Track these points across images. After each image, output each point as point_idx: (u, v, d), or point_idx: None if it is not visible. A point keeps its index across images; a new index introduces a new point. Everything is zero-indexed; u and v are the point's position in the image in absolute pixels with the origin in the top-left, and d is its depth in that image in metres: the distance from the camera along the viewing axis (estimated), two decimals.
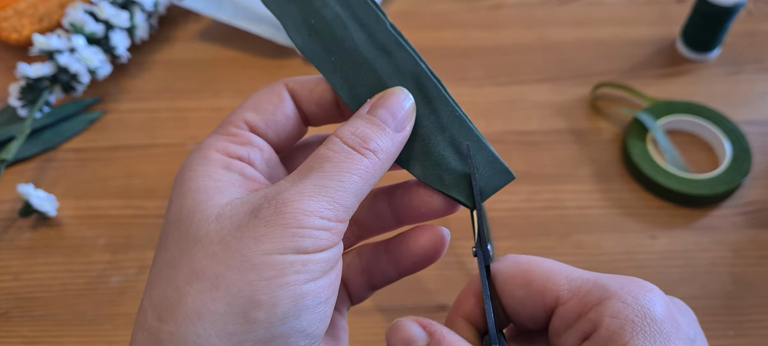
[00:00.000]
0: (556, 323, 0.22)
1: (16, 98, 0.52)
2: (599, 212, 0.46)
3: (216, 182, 0.22)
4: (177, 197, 0.22)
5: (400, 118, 0.23)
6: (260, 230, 0.19)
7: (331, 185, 0.20)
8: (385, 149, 0.22)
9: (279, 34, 0.58)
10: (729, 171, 0.47)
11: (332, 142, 0.22)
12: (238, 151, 0.23)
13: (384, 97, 0.23)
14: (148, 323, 0.19)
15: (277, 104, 0.25)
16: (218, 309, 0.19)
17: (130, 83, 0.57)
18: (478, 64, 0.58)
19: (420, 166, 0.24)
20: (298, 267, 0.19)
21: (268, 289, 0.19)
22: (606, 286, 0.21)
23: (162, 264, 0.20)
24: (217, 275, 0.19)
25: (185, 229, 0.20)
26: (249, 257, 0.19)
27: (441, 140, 0.24)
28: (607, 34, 0.60)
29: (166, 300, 0.19)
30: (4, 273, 0.43)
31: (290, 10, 0.26)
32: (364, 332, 0.40)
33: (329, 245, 0.20)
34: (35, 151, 0.51)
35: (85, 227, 0.46)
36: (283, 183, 0.21)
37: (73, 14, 0.54)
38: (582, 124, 0.52)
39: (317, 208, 0.20)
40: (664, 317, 0.20)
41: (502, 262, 0.24)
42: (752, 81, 0.55)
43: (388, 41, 0.25)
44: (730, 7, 0.52)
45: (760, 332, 0.40)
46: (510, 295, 0.23)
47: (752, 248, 0.44)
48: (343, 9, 0.25)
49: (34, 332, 0.40)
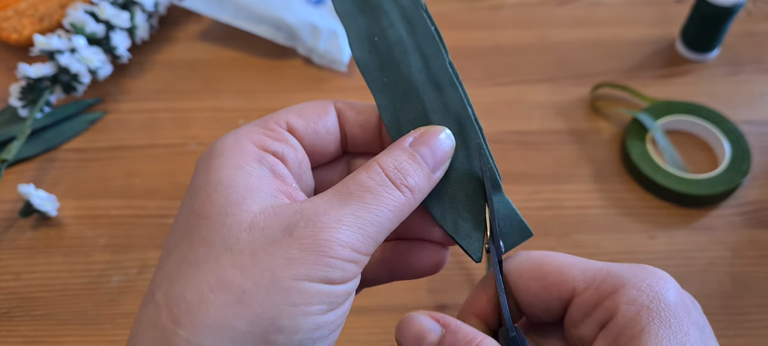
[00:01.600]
0: (572, 313, 0.22)
1: (17, 98, 0.52)
2: (598, 212, 0.46)
3: (247, 177, 0.21)
4: (206, 186, 0.21)
5: (440, 159, 0.23)
6: (294, 252, 0.19)
7: (368, 217, 0.20)
8: (420, 188, 0.22)
9: (279, 34, 0.58)
10: (728, 171, 0.47)
11: (374, 172, 0.21)
12: (272, 145, 0.23)
13: (428, 134, 0.23)
14: (162, 322, 0.19)
15: (322, 115, 0.24)
16: (240, 326, 0.18)
17: (130, 83, 0.57)
18: (477, 65, 0.58)
19: (440, 206, 0.24)
20: (323, 298, 0.19)
21: (292, 315, 0.19)
22: (620, 275, 0.22)
23: (183, 260, 0.20)
24: (245, 290, 0.18)
25: (215, 230, 0.20)
26: (279, 279, 0.19)
27: (469, 187, 0.24)
28: (606, 35, 0.60)
29: (185, 303, 0.19)
30: (5, 273, 0.43)
31: (359, 21, 0.26)
32: (364, 332, 0.40)
33: (353, 276, 0.20)
34: (36, 151, 0.51)
35: (85, 227, 0.46)
36: (321, 203, 0.20)
37: (73, 14, 0.54)
38: (581, 124, 0.52)
39: (352, 239, 0.20)
40: (677, 303, 0.21)
41: (515, 258, 0.24)
42: (751, 81, 0.56)
43: (442, 77, 0.25)
44: (729, 8, 0.52)
45: (758, 332, 0.40)
46: (525, 289, 0.23)
47: (751, 247, 0.44)
48: (409, 34, 0.25)
49: (34, 332, 0.41)
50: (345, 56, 0.57)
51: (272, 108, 0.56)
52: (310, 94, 0.56)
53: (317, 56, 0.58)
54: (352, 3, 0.26)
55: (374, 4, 0.26)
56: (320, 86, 0.56)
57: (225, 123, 0.53)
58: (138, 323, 0.20)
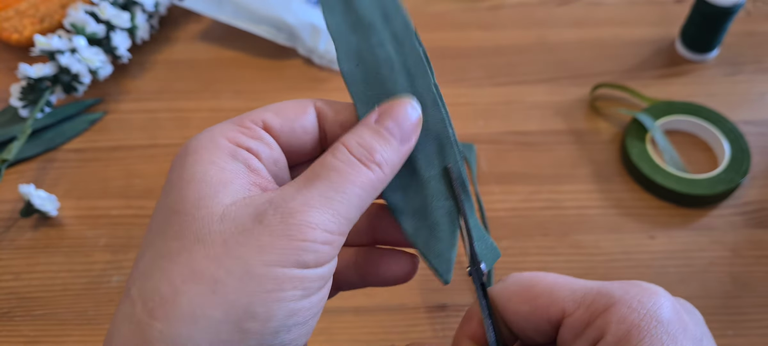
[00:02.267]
0: (563, 334, 0.22)
1: (18, 99, 0.52)
2: (598, 212, 0.46)
3: (220, 172, 0.21)
4: (179, 182, 0.21)
5: (407, 130, 0.23)
6: (265, 238, 0.19)
7: (337, 197, 0.20)
8: (389, 162, 0.22)
9: (279, 34, 0.58)
10: (728, 171, 0.47)
11: (339, 151, 0.21)
12: (246, 142, 0.22)
13: (392, 106, 0.23)
14: (137, 316, 0.19)
15: (299, 114, 0.24)
16: (214, 315, 0.18)
17: (130, 84, 0.57)
18: (477, 65, 0.58)
19: (412, 222, 0.24)
20: (297, 283, 0.19)
21: (265, 302, 0.19)
22: (610, 293, 0.21)
23: (157, 254, 0.20)
24: (217, 279, 0.19)
25: (188, 223, 0.20)
26: (251, 266, 0.19)
27: (442, 206, 0.24)
28: (606, 35, 0.60)
29: (160, 295, 0.19)
30: (6, 273, 0.43)
31: (350, 39, 0.26)
32: (364, 332, 0.40)
33: (328, 259, 0.20)
34: (36, 151, 0.51)
35: (85, 227, 0.46)
36: (288, 189, 0.20)
37: (74, 15, 0.54)
38: (581, 124, 0.52)
39: (322, 220, 0.20)
40: (670, 319, 0.20)
41: (504, 281, 0.24)
42: (751, 81, 0.56)
43: (426, 96, 0.25)
44: (729, 8, 0.52)
45: (758, 332, 0.40)
46: (515, 311, 0.23)
47: (751, 247, 0.44)
48: (397, 54, 0.26)
49: (35, 332, 0.41)
50: None
51: None
52: (310, 94, 0.56)
53: (317, 56, 0.58)
54: (345, 21, 0.26)
55: (366, 24, 0.26)
56: (320, 86, 0.56)
57: None
58: (114, 320, 0.20)
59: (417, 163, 0.24)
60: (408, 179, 0.24)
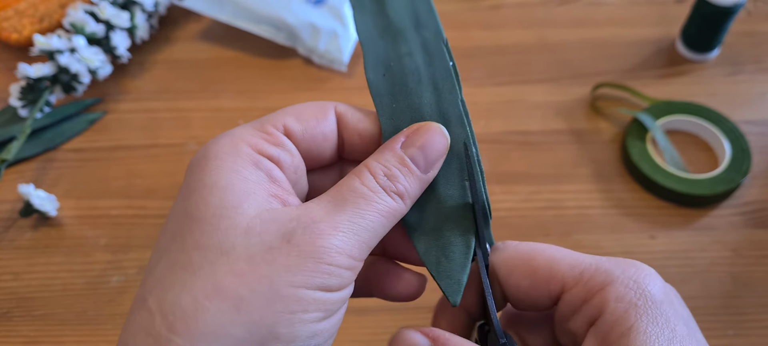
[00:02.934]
0: (562, 308, 0.23)
1: (17, 98, 0.52)
2: (599, 212, 0.46)
3: (244, 181, 0.21)
4: (199, 187, 0.20)
5: (432, 160, 0.23)
6: (292, 259, 0.19)
7: (363, 223, 0.20)
8: (411, 194, 0.22)
9: (279, 34, 0.58)
10: (728, 171, 0.47)
11: (365, 177, 0.21)
12: (269, 150, 0.22)
13: (420, 133, 0.23)
14: (156, 330, 0.18)
15: (320, 119, 0.24)
16: (237, 334, 0.18)
17: (130, 83, 0.57)
18: (478, 64, 0.58)
19: (425, 242, 0.23)
20: (320, 305, 0.19)
21: (290, 323, 0.19)
22: (608, 271, 0.22)
23: (176, 263, 0.19)
24: (242, 297, 0.18)
25: (209, 233, 0.19)
26: (277, 286, 0.18)
27: (457, 226, 0.23)
28: (607, 35, 0.60)
29: (181, 309, 0.18)
30: (5, 273, 0.43)
31: (378, 45, 0.26)
32: (364, 332, 0.40)
33: (349, 283, 0.20)
34: (36, 151, 0.51)
35: (85, 227, 0.46)
36: (316, 210, 0.20)
37: (73, 14, 0.54)
38: (582, 124, 0.52)
39: (348, 246, 0.20)
40: (662, 299, 0.21)
41: (503, 251, 0.24)
42: (752, 81, 0.56)
43: (452, 113, 0.24)
44: (729, 8, 0.52)
45: (759, 332, 0.40)
46: (514, 285, 0.23)
47: (751, 247, 0.44)
48: (426, 66, 0.25)
49: (34, 332, 0.40)
50: (345, 56, 0.57)
51: (272, 108, 0.56)
52: (310, 94, 0.56)
53: (317, 56, 0.58)
54: (375, 26, 0.26)
55: (396, 30, 0.26)
56: (320, 86, 0.56)
57: (225, 123, 0.53)
58: (129, 330, 0.19)
59: (436, 180, 0.24)
60: (425, 196, 0.24)
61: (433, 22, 0.26)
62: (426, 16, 0.26)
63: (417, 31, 0.26)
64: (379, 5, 0.26)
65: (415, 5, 0.26)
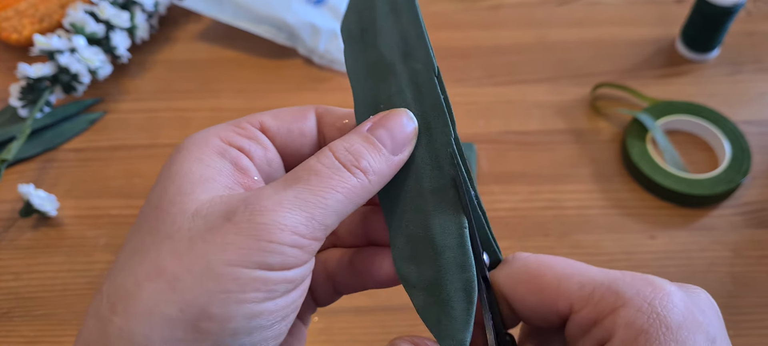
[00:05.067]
0: (570, 329, 0.21)
1: (17, 98, 0.52)
2: (598, 212, 0.46)
3: (205, 168, 0.21)
4: (163, 179, 0.21)
5: (399, 141, 0.22)
6: (230, 236, 0.18)
7: (313, 200, 0.20)
8: (376, 171, 0.21)
9: (279, 34, 0.58)
10: (728, 171, 0.47)
11: (324, 155, 0.21)
12: (238, 141, 0.22)
13: (386, 116, 0.22)
14: (102, 312, 0.19)
15: (298, 118, 0.24)
16: (170, 312, 0.18)
17: (130, 83, 0.57)
18: (477, 64, 0.58)
19: (424, 299, 0.22)
20: (259, 285, 0.18)
21: (224, 303, 0.18)
22: (621, 292, 0.20)
23: (131, 250, 0.20)
24: (177, 276, 0.18)
25: (161, 219, 0.19)
26: (212, 265, 0.18)
27: (457, 279, 0.22)
28: (606, 34, 0.60)
29: (124, 291, 0.18)
30: (5, 273, 0.43)
31: (366, 87, 0.24)
32: (364, 332, 0.40)
33: (298, 263, 0.19)
34: (36, 151, 0.51)
35: (85, 226, 0.46)
36: (266, 189, 0.20)
37: (73, 14, 0.54)
38: (581, 124, 0.52)
39: (293, 222, 0.19)
40: (680, 323, 0.19)
41: (510, 265, 0.23)
42: (751, 81, 0.56)
43: (443, 155, 0.23)
44: (729, 8, 0.52)
45: (759, 332, 0.40)
46: (521, 300, 0.22)
47: (751, 247, 0.44)
48: (416, 103, 0.23)
49: (34, 332, 0.40)
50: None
51: (272, 108, 0.56)
52: (310, 93, 0.56)
53: (317, 56, 0.58)
54: (364, 62, 0.25)
55: (386, 65, 0.24)
56: (320, 86, 0.56)
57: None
58: (86, 317, 0.20)
59: (433, 231, 0.22)
60: (422, 248, 0.22)
61: (423, 49, 0.24)
62: (415, 42, 0.24)
63: (405, 63, 0.24)
64: (370, 37, 0.25)
65: (404, 29, 0.24)
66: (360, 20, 0.25)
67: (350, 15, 0.25)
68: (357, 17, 0.25)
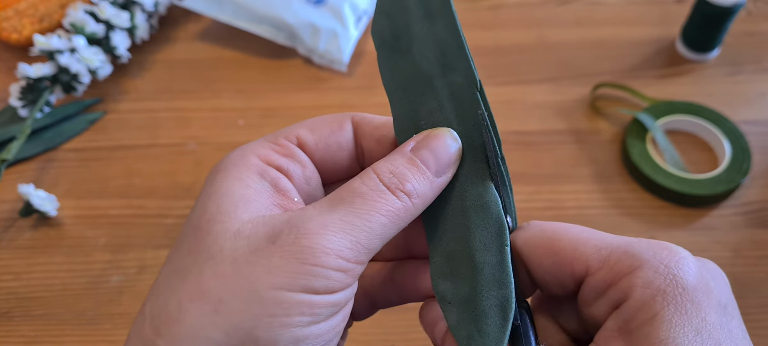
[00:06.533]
0: (585, 292, 0.21)
1: (17, 98, 0.52)
2: (599, 212, 0.46)
3: (245, 189, 0.20)
4: (204, 198, 0.21)
5: (443, 163, 0.22)
6: (275, 260, 0.18)
7: (358, 223, 0.19)
8: (421, 194, 0.21)
9: (279, 34, 0.58)
10: (728, 171, 0.47)
11: (368, 177, 0.21)
12: (278, 160, 0.22)
13: (430, 137, 0.22)
14: (145, 333, 0.18)
15: (335, 130, 0.23)
16: (215, 337, 0.18)
17: (130, 83, 0.57)
18: (477, 64, 0.57)
19: (458, 314, 0.22)
20: (304, 309, 0.18)
21: (269, 327, 0.18)
22: (637, 254, 0.20)
23: (172, 270, 0.19)
24: (222, 299, 0.18)
25: (202, 238, 0.19)
26: (257, 288, 0.18)
27: (494, 296, 0.21)
28: (607, 34, 0.60)
29: (166, 313, 0.18)
30: (5, 273, 0.43)
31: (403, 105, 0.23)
32: (364, 332, 0.40)
33: (342, 286, 0.19)
34: (36, 151, 0.51)
35: (85, 226, 0.46)
36: (310, 210, 0.20)
37: (73, 14, 0.54)
38: (582, 124, 0.52)
39: (338, 247, 0.19)
40: (695, 285, 0.20)
41: (528, 230, 0.23)
42: (751, 81, 0.56)
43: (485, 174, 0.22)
44: (729, 8, 0.52)
45: (759, 332, 0.40)
46: (538, 263, 0.22)
47: (751, 248, 0.44)
48: (458, 120, 0.23)
49: (34, 332, 0.40)
50: (345, 56, 0.57)
51: (272, 108, 0.57)
52: (310, 93, 0.56)
53: (317, 56, 0.58)
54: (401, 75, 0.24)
55: (424, 77, 0.23)
56: (320, 86, 0.56)
57: (224, 123, 0.53)
58: (128, 336, 0.19)
59: (473, 246, 0.22)
60: (461, 264, 0.22)
61: (464, 62, 0.23)
62: (455, 53, 0.23)
63: (445, 76, 0.23)
64: (404, 45, 0.24)
65: (441, 38, 0.23)
66: (391, 25, 0.24)
67: (380, 18, 0.24)
68: (388, 21, 0.24)
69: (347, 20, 0.58)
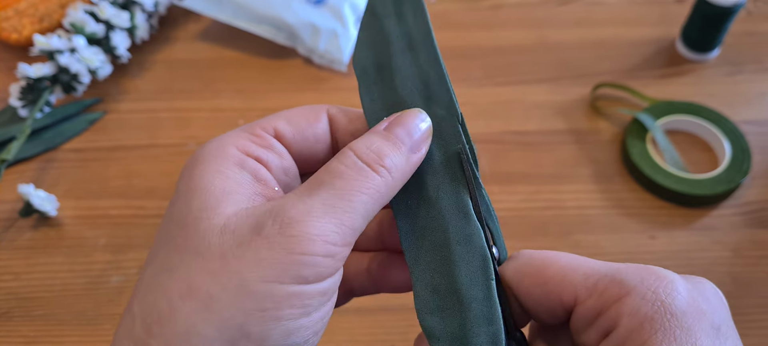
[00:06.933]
0: (575, 321, 0.22)
1: (17, 98, 0.52)
2: (598, 212, 0.46)
3: (226, 181, 0.20)
4: (185, 193, 0.20)
5: (417, 139, 0.22)
6: (262, 252, 0.18)
7: (340, 204, 0.19)
8: (399, 168, 0.21)
9: (279, 34, 0.58)
10: (728, 171, 0.47)
11: (346, 156, 0.21)
12: (256, 151, 0.22)
13: (402, 116, 0.22)
14: (136, 333, 0.18)
15: (312, 121, 0.24)
16: (207, 333, 0.18)
17: (130, 83, 0.57)
18: (477, 65, 0.58)
19: None
20: (295, 300, 0.18)
21: (261, 321, 0.18)
22: (624, 281, 0.20)
23: (159, 268, 0.19)
24: (212, 295, 0.18)
25: (189, 236, 0.19)
26: (247, 282, 0.18)
27: (484, 333, 0.21)
28: (606, 34, 0.60)
29: (158, 312, 0.18)
30: (5, 273, 0.43)
31: None
32: (364, 332, 0.40)
33: (330, 272, 0.19)
34: (36, 151, 0.51)
35: (85, 227, 0.46)
36: (290, 197, 0.20)
37: (73, 14, 0.54)
38: (581, 124, 0.52)
39: (324, 232, 0.19)
40: (685, 310, 0.19)
41: (515, 259, 0.23)
42: (751, 81, 0.56)
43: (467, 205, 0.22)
44: (729, 8, 0.52)
45: (759, 332, 0.40)
46: (526, 294, 0.22)
47: (751, 248, 0.44)
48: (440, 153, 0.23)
49: (34, 332, 0.40)
50: (345, 56, 0.57)
51: (272, 108, 0.57)
52: (310, 93, 0.56)
53: (317, 56, 0.58)
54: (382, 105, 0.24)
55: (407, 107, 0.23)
56: (320, 86, 0.56)
57: (225, 123, 0.53)
58: (116, 335, 0.19)
59: (459, 281, 0.22)
60: (448, 300, 0.22)
61: (445, 94, 0.23)
62: (437, 86, 0.23)
63: (427, 108, 0.23)
64: (387, 76, 0.24)
65: (424, 70, 0.24)
66: (373, 56, 0.24)
67: (362, 50, 0.25)
68: (370, 52, 0.24)
69: (347, 20, 0.58)
